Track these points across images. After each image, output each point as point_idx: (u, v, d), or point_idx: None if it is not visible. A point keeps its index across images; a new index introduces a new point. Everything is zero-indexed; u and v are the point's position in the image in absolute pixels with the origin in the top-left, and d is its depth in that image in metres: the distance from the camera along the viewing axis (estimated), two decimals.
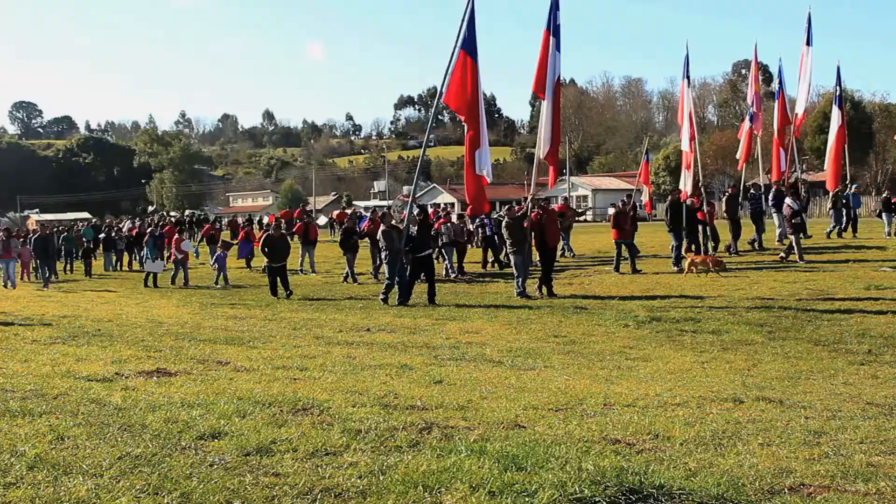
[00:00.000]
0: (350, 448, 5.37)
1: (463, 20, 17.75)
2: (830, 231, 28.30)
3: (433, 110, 22.13)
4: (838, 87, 28.92)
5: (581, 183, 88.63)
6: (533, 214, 18.70)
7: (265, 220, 55.78)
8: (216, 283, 24.89)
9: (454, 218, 28.26)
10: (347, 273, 24.39)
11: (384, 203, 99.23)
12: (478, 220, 26.55)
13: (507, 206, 20.56)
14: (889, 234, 28.83)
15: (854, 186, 31.27)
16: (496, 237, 24.98)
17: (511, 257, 18.87)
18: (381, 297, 18.26)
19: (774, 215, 26.25)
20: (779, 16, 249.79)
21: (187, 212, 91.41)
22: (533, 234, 18.63)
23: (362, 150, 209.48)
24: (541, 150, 19.17)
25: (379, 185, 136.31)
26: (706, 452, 5.42)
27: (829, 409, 6.93)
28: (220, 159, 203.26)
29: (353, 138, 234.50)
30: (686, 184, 23.65)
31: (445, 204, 62.70)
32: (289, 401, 6.86)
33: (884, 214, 29.55)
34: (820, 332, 12.64)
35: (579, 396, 7.49)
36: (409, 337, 12.76)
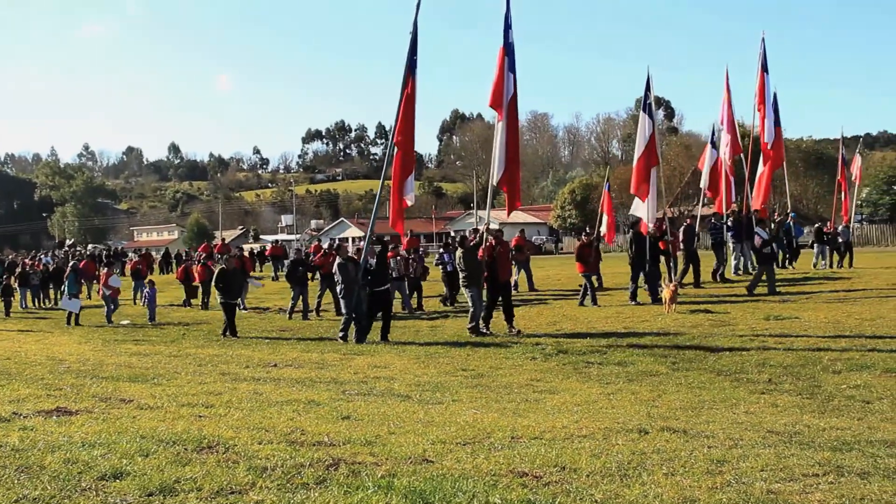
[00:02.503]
0: (256, 486, 5.30)
1: (410, 42, 17.43)
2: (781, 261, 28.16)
3: (389, 142, 20.52)
4: (773, 114, 28.16)
5: (488, 216, 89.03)
6: (486, 245, 17.87)
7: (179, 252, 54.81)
8: (151, 320, 24.03)
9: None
10: (293, 307, 23.21)
11: (291, 237, 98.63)
12: (438, 256, 25.24)
13: (460, 237, 19.50)
14: (816, 266, 29.21)
15: (793, 216, 31.21)
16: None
17: (465, 291, 17.95)
18: (340, 335, 17.30)
19: (733, 246, 26.28)
20: (677, 52, 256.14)
21: (90, 246, 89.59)
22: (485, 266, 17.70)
23: (270, 184, 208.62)
24: (493, 176, 18.38)
25: (286, 219, 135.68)
26: (612, 483, 5.47)
27: (731, 438, 7.06)
28: (124, 193, 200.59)
29: (260, 172, 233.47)
30: (648, 214, 22.79)
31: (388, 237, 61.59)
32: (193, 439, 6.74)
33: (816, 245, 29.91)
34: (722, 362, 12.89)
35: (487, 430, 7.50)
36: (316, 372, 12.65)
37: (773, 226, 27.13)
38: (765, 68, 27.48)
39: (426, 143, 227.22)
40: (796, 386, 10.97)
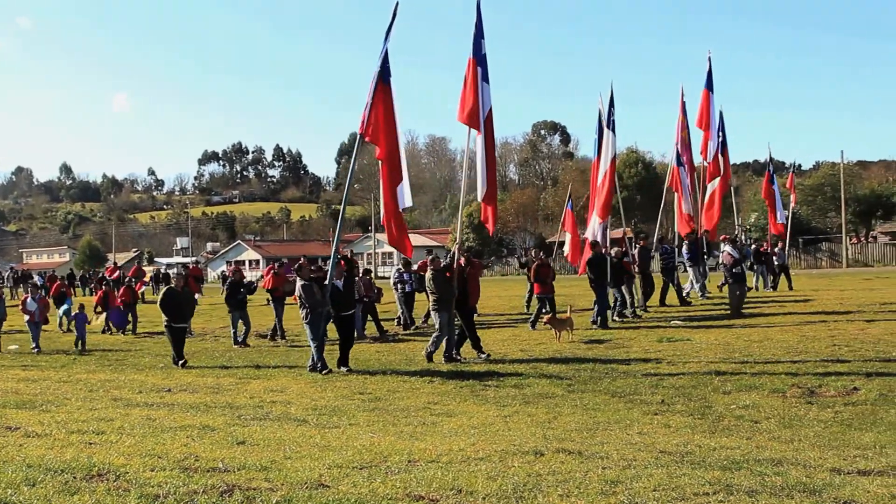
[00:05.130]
0: None
1: (381, 51, 16.20)
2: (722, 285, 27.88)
3: (353, 162, 18.77)
4: (721, 134, 27.94)
5: (386, 239, 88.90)
6: (455, 266, 17.03)
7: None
8: (76, 346, 22.12)
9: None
10: (234, 334, 21.46)
11: (188, 259, 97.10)
12: (396, 274, 24.01)
13: (430, 258, 18.56)
14: (757, 288, 29.37)
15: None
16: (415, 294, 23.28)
17: (434, 315, 16.90)
18: (310, 365, 15.79)
19: (689, 269, 26.27)
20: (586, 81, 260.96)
21: None
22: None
23: (165, 206, 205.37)
24: (478, 192, 17.68)
25: (182, 242, 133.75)
26: None
27: (624, 459, 7.16)
28: (13, 214, 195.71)
29: (155, 193, 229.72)
30: (598, 234, 22.67)
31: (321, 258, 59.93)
32: (83, 466, 6.57)
33: (755, 266, 30.11)
34: (616, 383, 13.08)
35: (384, 453, 7.48)
36: (211, 397, 12.46)
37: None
38: (710, 87, 26.86)
39: (325, 166, 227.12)
40: (688, 407, 11.19)
